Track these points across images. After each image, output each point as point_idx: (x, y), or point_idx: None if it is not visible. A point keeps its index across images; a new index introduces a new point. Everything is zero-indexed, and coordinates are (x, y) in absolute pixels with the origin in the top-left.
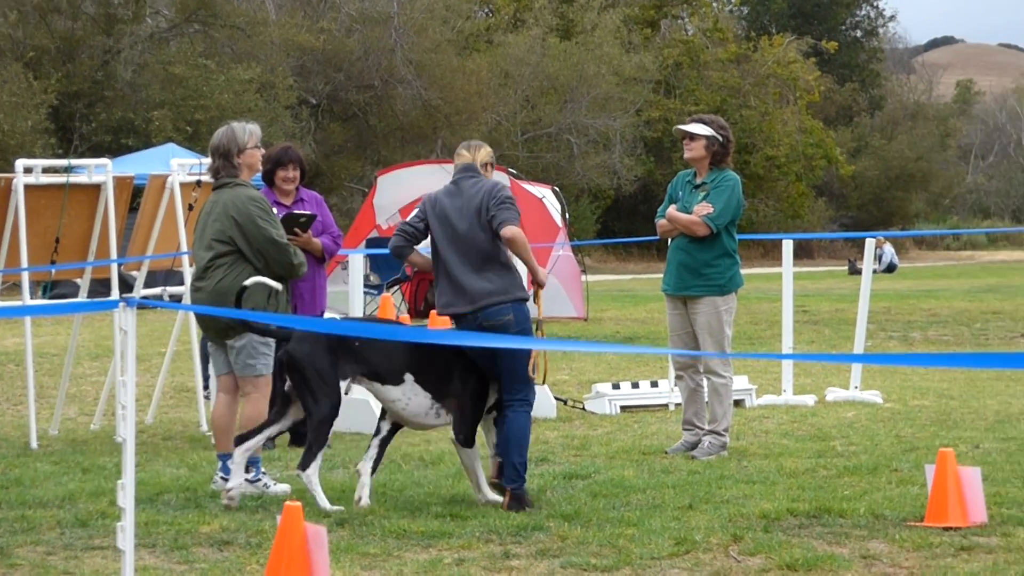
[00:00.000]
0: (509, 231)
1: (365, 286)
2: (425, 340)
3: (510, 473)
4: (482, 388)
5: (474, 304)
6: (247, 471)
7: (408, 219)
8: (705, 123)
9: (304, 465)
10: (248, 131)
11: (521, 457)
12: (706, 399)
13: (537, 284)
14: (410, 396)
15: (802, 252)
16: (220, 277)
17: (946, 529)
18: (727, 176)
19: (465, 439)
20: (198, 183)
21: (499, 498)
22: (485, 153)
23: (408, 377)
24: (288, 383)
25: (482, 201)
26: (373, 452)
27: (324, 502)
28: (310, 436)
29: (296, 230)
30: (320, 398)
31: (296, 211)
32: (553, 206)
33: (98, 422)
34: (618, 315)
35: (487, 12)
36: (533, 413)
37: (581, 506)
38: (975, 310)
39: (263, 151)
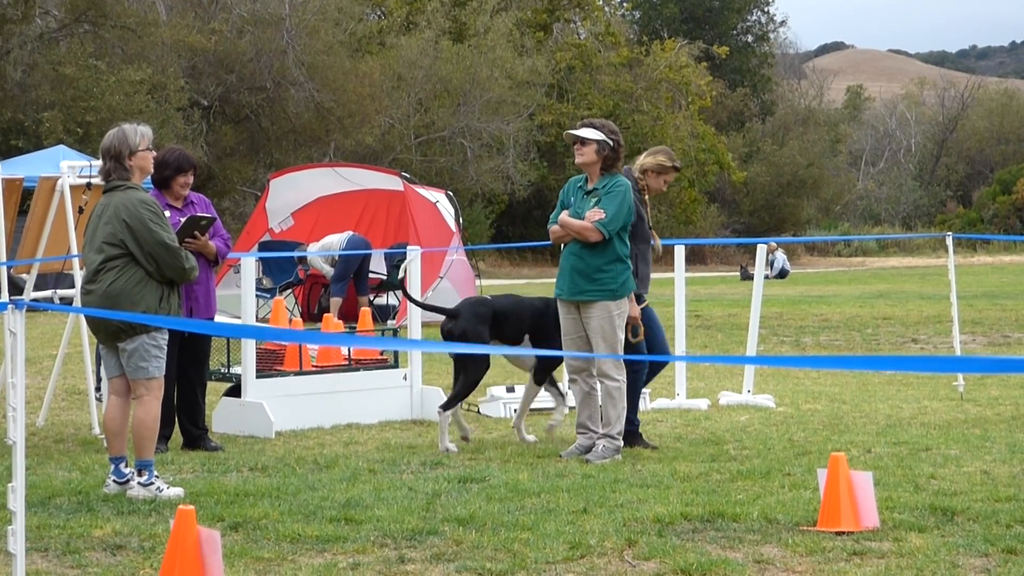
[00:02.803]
0: None
1: (257, 290)
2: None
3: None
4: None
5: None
6: (140, 475)
7: None
8: (596, 127)
9: (446, 407)
10: (140, 133)
11: None
12: (600, 403)
13: None
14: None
15: (694, 258)
16: (111, 280)
17: (838, 533)
18: (619, 182)
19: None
20: (88, 185)
21: (532, 438)
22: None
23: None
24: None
25: None
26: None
27: (445, 442)
28: (457, 388)
29: (196, 233)
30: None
31: (198, 214)
32: (447, 210)
33: None
34: None
35: (379, 14)
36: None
37: (476, 510)
38: (866, 316)
39: (155, 153)
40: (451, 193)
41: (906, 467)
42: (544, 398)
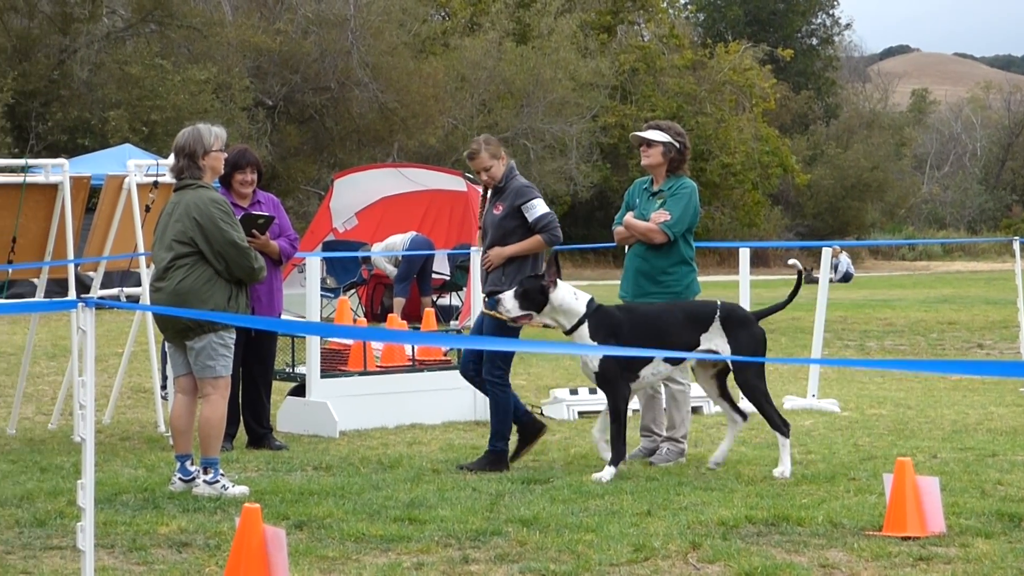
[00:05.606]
0: None
1: (322, 289)
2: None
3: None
4: None
5: None
6: (205, 472)
7: None
8: (662, 129)
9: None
10: (214, 134)
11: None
12: (664, 406)
13: None
14: None
15: (758, 260)
16: (180, 278)
17: (904, 539)
18: (684, 183)
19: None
20: (155, 184)
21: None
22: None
23: None
24: None
25: None
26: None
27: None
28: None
29: (254, 231)
30: None
31: (254, 212)
32: None
33: (55, 422)
34: None
35: (443, 15)
36: (486, 418)
37: (539, 511)
38: (931, 320)
39: (226, 155)
40: None
41: (972, 473)
42: (595, 401)
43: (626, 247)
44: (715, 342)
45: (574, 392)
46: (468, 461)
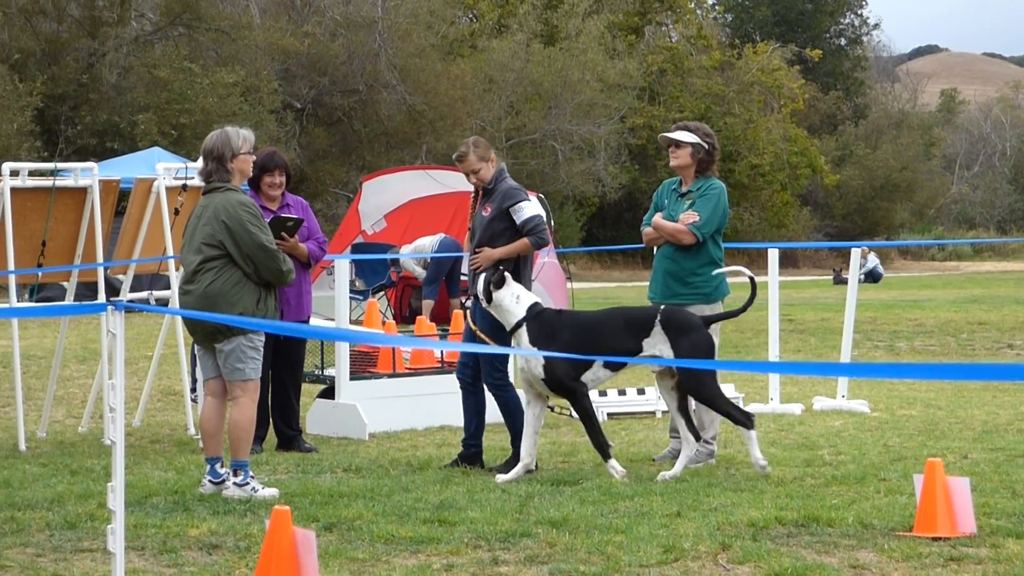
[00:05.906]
0: None
1: (351, 292)
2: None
3: None
4: None
5: None
6: (235, 475)
7: None
8: (690, 130)
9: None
10: (242, 136)
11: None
12: (693, 407)
13: None
14: None
15: (787, 261)
16: (209, 281)
17: (935, 539)
18: (713, 184)
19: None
20: (184, 187)
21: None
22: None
23: None
24: None
25: None
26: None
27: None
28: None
29: (283, 234)
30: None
31: (282, 215)
32: None
33: (86, 425)
34: None
35: (471, 17)
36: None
37: (569, 513)
38: (961, 320)
39: (255, 157)
40: (542, 196)
41: (1003, 473)
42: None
43: (655, 248)
44: (659, 347)
45: (603, 394)
46: (498, 464)
